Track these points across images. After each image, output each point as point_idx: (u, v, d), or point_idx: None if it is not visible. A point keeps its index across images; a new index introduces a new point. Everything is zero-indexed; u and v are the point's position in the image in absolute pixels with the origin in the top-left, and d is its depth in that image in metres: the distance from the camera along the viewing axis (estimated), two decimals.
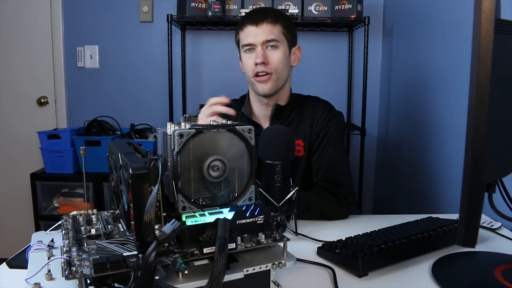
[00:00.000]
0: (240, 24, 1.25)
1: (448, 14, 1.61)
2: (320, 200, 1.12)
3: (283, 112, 1.28)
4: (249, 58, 1.22)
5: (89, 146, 2.17)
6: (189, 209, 0.61)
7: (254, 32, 1.20)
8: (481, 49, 0.57)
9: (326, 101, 1.35)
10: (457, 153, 1.48)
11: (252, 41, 1.20)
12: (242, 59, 1.26)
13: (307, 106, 1.31)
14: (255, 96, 1.29)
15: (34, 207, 2.26)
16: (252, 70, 1.21)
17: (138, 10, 2.47)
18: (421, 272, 0.79)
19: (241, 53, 1.27)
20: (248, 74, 1.24)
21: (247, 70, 1.25)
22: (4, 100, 2.54)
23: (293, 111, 1.29)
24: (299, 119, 1.29)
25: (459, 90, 1.48)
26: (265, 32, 1.19)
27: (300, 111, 1.30)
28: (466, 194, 0.62)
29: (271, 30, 1.20)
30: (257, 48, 1.20)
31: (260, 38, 1.19)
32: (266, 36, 1.19)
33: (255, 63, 1.20)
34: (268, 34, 1.19)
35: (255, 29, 1.20)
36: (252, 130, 0.65)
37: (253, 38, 1.20)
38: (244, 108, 1.32)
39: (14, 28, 2.49)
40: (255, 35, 1.20)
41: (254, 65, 1.20)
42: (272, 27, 1.20)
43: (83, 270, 0.51)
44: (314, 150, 1.27)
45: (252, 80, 1.23)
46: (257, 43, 1.20)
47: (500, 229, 1.02)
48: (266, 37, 1.19)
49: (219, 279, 0.50)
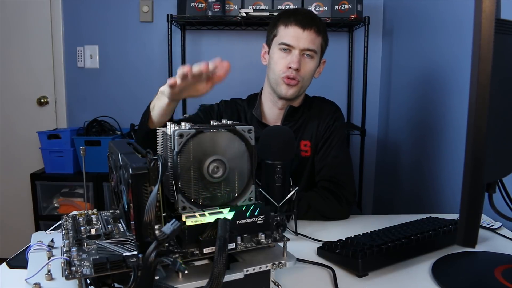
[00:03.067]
0: (285, 19, 1.19)
1: (448, 14, 1.61)
2: (320, 200, 1.12)
3: (295, 114, 1.28)
4: (283, 58, 1.19)
5: (89, 146, 2.17)
6: (189, 209, 0.61)
7: (299, 35, 1.17)
8: (482, 49, 0.57)
9: (332, 101, 1.35)
10: (457, 153, 1.48)
11: (294, 44, 1.17)
12: (274, 55, 1.22)
13: (313, 107, 1.31)
14: (271, 96, 1.27)
15: (34, 207, 2.26)
16: (282, 71, 1.19)
17: (138, 10, 2.46)
18: (421, 272, 0.79)
19: (273, 48, 1.22)
20: (276, 72, 1.21)
21: (276, 68, 1.21)
22: (4, 100, 2.54)
23: (303, 113, 1.30)
24: (307, 121, 1.29)
25: (459, 90, 1.48)
26: (308, 40, 1.17)
27: (308, 112, 1.30)
28: (466, 194, 0.62)
29: (314, 40, 1.18)
30: (294, 51, 1.17)
31: (302, 43, 1.17)
32: (308, 44, 1.17)
33: (288, 66, 1.17)
34: (310, 43, 1.17)
35: (301, 32, 1.17)
36: (252, 130, 0.65)
37: (295, 41, 1.17)
38: (255, 110, 1.30)
39: (14, 28, 2.49)
40: (298, 38, 1.17)
41: (287, 68, 1.18)
42: (315, 37, 1.18)
43: (83, 270, 0.51)
44: (318, 150, 1.27)
45: (280, 80, 1.20)
46: (297, 47, 1.17)
47: (500, 229, 1.02)
48: (308, 45, 1.17)
49: (219, 279, 0.49)
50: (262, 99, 1.32)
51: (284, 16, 1.21)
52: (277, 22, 1.22)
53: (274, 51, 1.22)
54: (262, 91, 1.33)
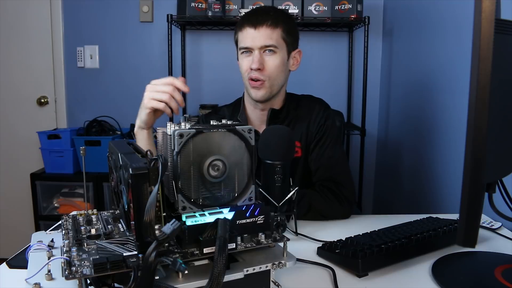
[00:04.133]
0: (239, 24, 1.20)
1: (448, 14, 1.61)
2: (321, 200, 1.11)
3: (279, 115, 1.26)
4: (246, 60, 1.19)
5: (89, 146, 2.17)
6: (189, 209, 0.61)
7: (252, 35, 1.15)
8: (481, 49, 0.57)
9: (320, 99, 1.33)
10: (457, 153, 1.48)
11: (250, 45, 1.16)
12: (239, 60, 1.23)
13: (301, 106, 1.29)
14: (251, 100, 1.26)
15: (34, 207, 2.26)
16: (247, 73, 1.19)
17: (138, 10, 2.47)
18: (421, 272, 0.79)
19: (239, 54, 1.23)
20: (243, 76, 1.22)
21: (242, 72, 1.22)
22: (4, 100, 2.54)
23: (289, 113, 1.28)
24: (295, 121, 1.27)
25: (459, 90, 1.48)
26: (264, 37, 1.15)
27: (295, 112, 1.28)
28: (466, 194, 0.62)
29: (270, 35, 1.16)
30: (254, 52, 1.16)
31: (257, 42, 1.15)
32: (264, 41, 1.15)
33: (250, 67, 1.17)
34: (266, 39, 1.15)
35: (254, 32, 1.15)
36: (252, 130, 0.65)
37: (251, 42, 1.16)
38: (240, 115, 1.30)
39: (14, 28, 2.49)
40: (253, 39, 1.15)
41: (250, 69, 1.17)
42: (271, 31, 1.16)
43: (83, 270, 0.51)
44: (311, 150, 1.25)
45: (247, 83, 1.20)
46: (255, 47, 1.16)
47: (500, 229, 1.02)
48: (264, 42, 1.15)
49: (219, 279, 0.49)
50: (245, 104, 1.31)
51: (240, 21, 1.21)
52: (236, 28, 1.23)
53: (239, 56, 1.22)
54: (244, 96, 1.32)
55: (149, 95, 1.02)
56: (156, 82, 1.03)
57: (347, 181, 1.19)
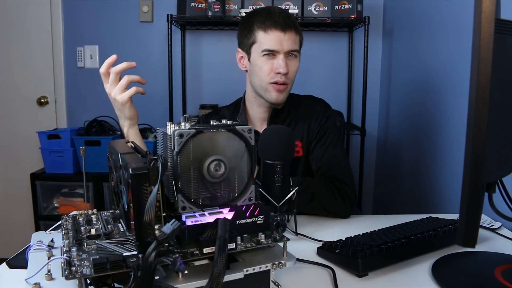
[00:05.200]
0: (261, 24, 1.15)
1: (448, 14, 1.61)
2: (325, 191, 1.11)
3: (280, 115, 1.26)
4: (268, 63, 1.16)
5: (89, 146, 2.17)
6: (189, 209, 0.61)
7: (281, 39, 1.14)
8: (481, 49, 0.57)
9: (321, 99, 1.34)
10: (457, 153, 1.48)
11: (277, 48, 1.14)
12: (257, 61, 1.18)
13: (302, 106, 1.30)
14: (257, 100, 1.25)
15: (34, 207, 2.26)
16: (270, 77, 1.16)
17: (138, 10, 2.47)
18: (421, 272, 0.79)
19: (255, 55, 1.18)
20: (263, 78, 1.17)
21: (262, 75, 1.17)
22: (4, 100, 2.55)
23: (289, 113, 1.28)
24: (296, 121, 1.27)
25: (459, 90, 1.48)
26: (291, 41, 1.15)
27: (296, 112, 1.28)
28: (466, 194, 0.62)
29: (295, 40, 1.17)
30: (279, 56, 1.15)
31: (285, 46, 1.14)
32: (291, 45, 1.15)
33: (276, 72, 1.15)
34: (293, 44, 1.16)
35: (283, 36, 1.14)
36: (252, 130, 0.65)
37: (279, 46, 1.14)
38: (239, 116, 1.29)
39: (14, 28, 2.49)
40: (281, 42, 1.14)
41: (275, 73, 1.16)
42: (295, 36, 1.17)
43: (83, 270, 0.51)
44: (312, 149, 1.26)
45: (268, 86, 1.18)
46: (281, 51, 1.14)
47: (500, 229, 1.02)
48: (290, 47, 1.15)
49: (219, 279, 0.50)
50: (246, 104, 1.30)
51: (259, 21, 1.16)
52: (251, 27, 1.18)
53: (257, 57, 1.18)
54: (245, 97, 1.31)
55: (116, 93, 1.12)
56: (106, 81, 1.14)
57: (349, 180, 1.19)
